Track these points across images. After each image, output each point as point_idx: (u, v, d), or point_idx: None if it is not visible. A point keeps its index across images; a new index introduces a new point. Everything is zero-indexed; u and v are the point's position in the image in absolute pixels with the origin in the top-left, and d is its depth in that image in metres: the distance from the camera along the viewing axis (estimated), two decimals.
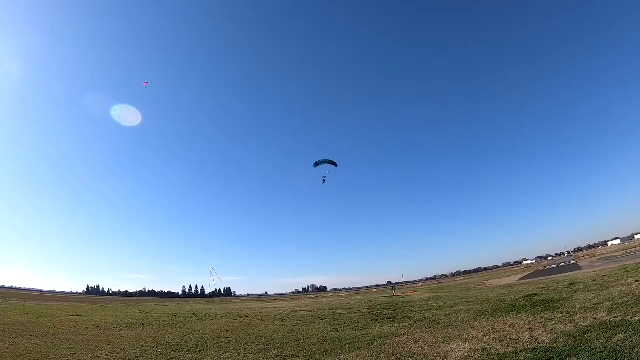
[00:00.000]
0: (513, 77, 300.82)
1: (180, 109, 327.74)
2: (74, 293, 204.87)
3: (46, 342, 12.53)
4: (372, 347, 10.71)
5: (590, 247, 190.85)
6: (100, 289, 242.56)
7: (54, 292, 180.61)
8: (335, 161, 32.77)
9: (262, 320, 22.39)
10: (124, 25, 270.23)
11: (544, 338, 8.58)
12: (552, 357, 6.74)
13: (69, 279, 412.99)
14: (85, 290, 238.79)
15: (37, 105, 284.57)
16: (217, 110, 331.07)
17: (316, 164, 32.38)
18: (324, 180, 33.52)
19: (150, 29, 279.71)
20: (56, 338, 13.51)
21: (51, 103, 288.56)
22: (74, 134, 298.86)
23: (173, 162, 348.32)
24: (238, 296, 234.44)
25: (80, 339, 13.73)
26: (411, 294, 47.14)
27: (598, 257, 60.89)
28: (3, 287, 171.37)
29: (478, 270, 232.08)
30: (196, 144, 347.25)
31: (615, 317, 9.13)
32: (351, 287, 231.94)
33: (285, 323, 19.61)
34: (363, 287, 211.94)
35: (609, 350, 6.47)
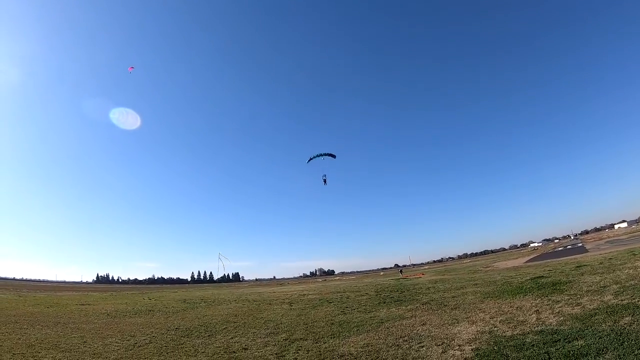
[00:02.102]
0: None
1: (187, 97, 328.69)
2: (84, 282, 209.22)
3: (57, 331, 12.80)
4: (379, 329, 10.82)
5: (597, 229, 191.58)
6: (110, 278, 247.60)
7: (64, 282, 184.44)
8: (332, 153, 30.78)
9: (271, 304, 22.75)
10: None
11: (551, 320, 8.60)
12: (559, 340, 6.74)
13: (78, 269, 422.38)
14: (95, 279, 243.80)
15: (41, 96, 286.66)
16: (222, 97, 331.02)
17: (310, 160, 30.38)
18: (325, 180, 31.62)
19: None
20: (67, 327, 13.81)
21: (54, 94, 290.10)
22: (81, 124, 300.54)
23: (180, 150, 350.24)
24: (246, 281, 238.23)
25: (91, 327, 14.03)
26: (418, 276, 47.57)
27: (605, 240, 60.93)
28: (14, 279, 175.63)
29: (485, 252, 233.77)
30: (202, 131, 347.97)
31: (622, 300, 9.12)
32: (359, 270, 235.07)
33: (293, 307, 19.92)
34: (371, 270, 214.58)
35: (616, 333, 6.46)
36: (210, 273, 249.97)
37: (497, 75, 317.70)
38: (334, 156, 30.42)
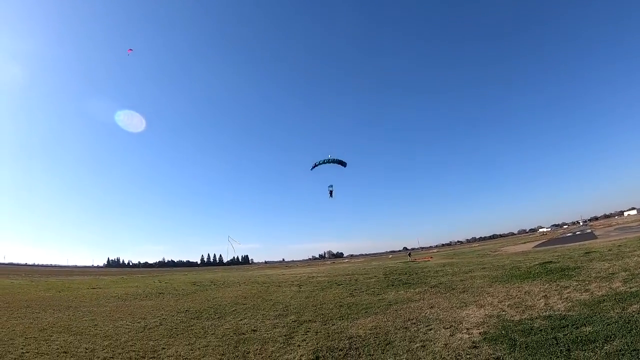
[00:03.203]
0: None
1: (196, 79, 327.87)
2: (95, 267, 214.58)
3: (69, 315, 13.17)
4: (387, 312, 10.94)
5: (606, 216, 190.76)
6: (121, 262, 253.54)
7: (75, 266, 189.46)
8: (342, 160, 25.43)
9: (280, 286, 23.11)
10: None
11: (559, 306, 8.59)
12: (567, 325, 6.73)
13: (90, 253, 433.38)
14: (105, 263, 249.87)
15: (50, 85, 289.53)
16: (231, 78, 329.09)
17: (314, 166, 25.58)
18: (331, 192, 26.36)
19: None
20: (78, 311, 14.20)
21: (64, 85, 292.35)
22: (90, 108, 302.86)
23: (189, 133, 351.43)
24: (255, 263, 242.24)
25: (102, 310, 14.42)
26: (427, 259, 47.84)
27: (614, 227, 60.46)
28: (26, 264, 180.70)
29: (493, 236, 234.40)
30: (211, 112, 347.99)
31: (630, 288, 9.06)
32: (367, 253, 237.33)
33: (302, 289, 20.20)
34: (379, 253, 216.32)
35: (624, 320, 6.42)
36: (220, 256, 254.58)
37: (515, 57, 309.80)
38: (344, 164, 25.86)
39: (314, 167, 25.72)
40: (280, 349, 7.65)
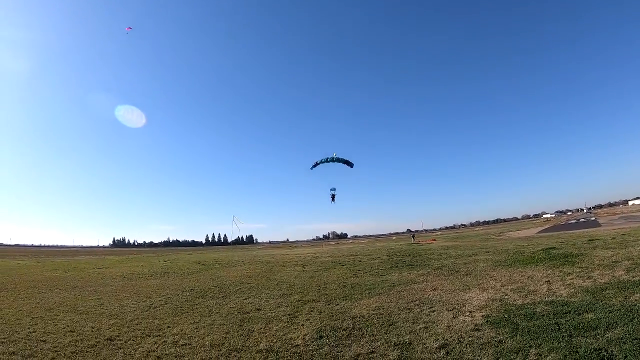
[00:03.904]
0: None
1: (206, 54, 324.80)
2: (100, 247, 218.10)
3: (75, 294, 13.46)
4: (391, 293, 11.06)
5: (610, 204, 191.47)
6: (126, 241, 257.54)
7: (81, 247, 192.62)
8: (348, 160, 22.66)
9: (284, 266, 23.40)
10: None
11: (561, 292, 8.60)
12: (570, 311, 6.74)
13: (95, 234, 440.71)
14: (111, 243, 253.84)
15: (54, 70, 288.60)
16: (242, 55, 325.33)
17: (315, 165, 23.10)
18: (333, 197, 25.39)
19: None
20: (84, 290, 14.50)
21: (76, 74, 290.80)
22: (97, 91, 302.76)
23: (195, 113, 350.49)
24: (260, 243, 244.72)
25: (108, 289, 14.71)
26: (430, 242, 48.09)
27: (618, 216, 60.46)
28: (32, 245, 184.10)
29: (497, 221, 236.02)
30: (217, 89, 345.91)
31: (633, 277, 9.04)
32: (371, 234, 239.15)
33: (306, 269, 20.45)
34: (383, 235, 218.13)
35: (626, 309, 6.41)
36: (225, 235, 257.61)
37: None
38: (350, 165, 23.48)
39: (314, 166, 23.49)
40: (284, 328, 7.77)
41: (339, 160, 22.80)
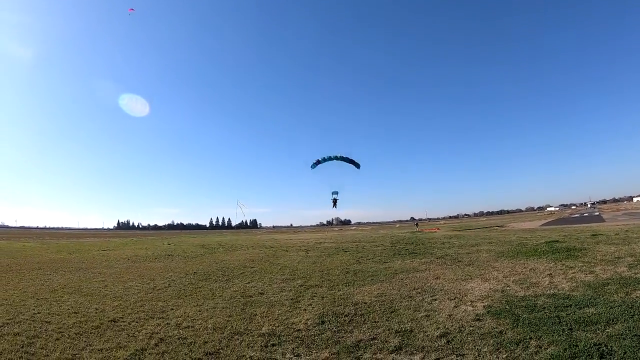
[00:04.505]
0: None
1: (218, 35, 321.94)
2: (105, 229, 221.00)
3: (79, 276, 13.69)
4: (393, 280, 11.15)
5: (615, 200, 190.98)
6: (131, 224, 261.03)
7: (86, 229, 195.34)
8: (354, 160, 20.29)
9: (287, 251, 23.60)
10: None
11: (563, 285, 8.61)
12: (571, 305, 6.76)
13: (100, 216, 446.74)
14: (116, 225, 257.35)
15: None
16: (252, 35, 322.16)
17: (316, 164, 20.54)
18: (335, 202, 23.59)
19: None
20: (89, 272, 14.76)
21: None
22: (103, 73, 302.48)
23: (201, 95, 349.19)
24: (264, 228, 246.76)
25: (112, 271, 14.95)
26: (434, 230, 48.17)
27: (622, 212, 60.14)
28: (37, 227, 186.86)
29: (501, 212, 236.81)
30: (221, 71, 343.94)
31: (635, 273, 9.03)
32: (375, 221, 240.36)
33: (309, 254, 20.63)
34: (387, 222, 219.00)
35: (627, 305, 6.41)
36: (229, 219, 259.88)
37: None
38: (357, 165, 21.35)
39: (316, 165, 21.29)
40: (287, 312, 7.86)
41: (343, 159, 20.70)
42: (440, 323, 6.45)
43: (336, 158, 20.35)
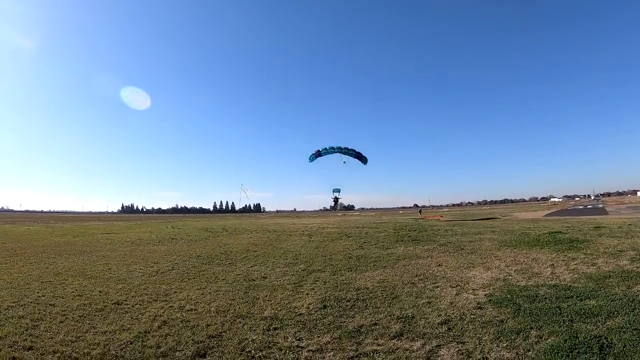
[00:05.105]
0: None
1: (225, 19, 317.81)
2: (109, 212, 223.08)
3: (83, 259, 13.88)
4: (395, 266, 11.23)
5: (619, 193, 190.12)
6: (135, 208, 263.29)
7: (90, 212, 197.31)
8: (359, 152, 18.32)
9: (290, 235, 23.73)
10: None
11: (565, 276, 8.62)
12: (572, 296, 6.77)
13: (104, 200, 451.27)
14: (119, 209, 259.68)
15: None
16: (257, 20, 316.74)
17: (316, 156, 17.92)
18: (336, 200, 21.23)
19: None
20: (93, 255, 14.95)
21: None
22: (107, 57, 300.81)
23: (205, 79, 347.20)
24: (267, 212, 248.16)
25: (116, 254, 15.15)
26: (437, 217, 48.18)
27: (626, 205, 59.69)
28: (42, 211, 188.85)
29: (504, 201, 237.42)
30: (226, 52, 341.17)
31: (637, 267, 9.02)
32: (378, 207, 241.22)
33: (312, 239, 20.73)
34: (390, 208, 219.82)
35: (628, 298, 6.41)
36: (232, 203, 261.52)
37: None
38: (364, 160, 19.37)
39: (315, 158, 19.29)
40: (289, 297, 7.95)
41: (347, 151, 18.18)
42: (442, 310, 6.50)
43: (339, 150, 18.36)
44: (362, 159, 18.52)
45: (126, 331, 5.79)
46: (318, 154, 17.88)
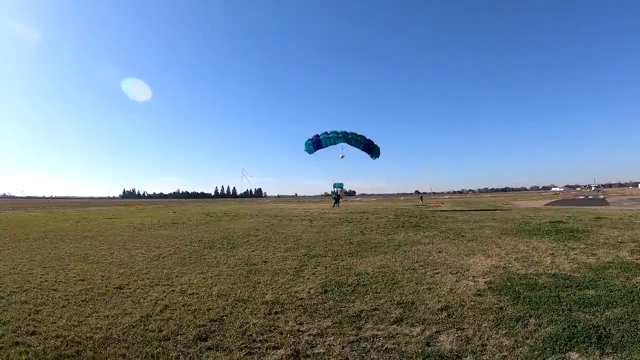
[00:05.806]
0: None
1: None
2: (110, 197, 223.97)
3: (85, 244, 13.95)
4: (396, 252, 11.28)
5: (620, 185, 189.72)
6: (136, 193, 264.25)
7: (92, 198, 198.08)
8: (370, 140, 15.91)
9: (291, 220, 23.86)
10: None
11: (564, 266, 8.64)
12: (571, 286, 6.80)
13: (106, 185, 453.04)
14: (121, 194, 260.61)
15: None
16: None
17: (315, 145, 15.76)
18: (337, 198, 20.07)
19: None
20: (95, 240, 15.03)
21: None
22: (110, 43, 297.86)
23: (206, 62, 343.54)
24: (268, 197, 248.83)
25: (118, 239, 15.23)
26: (438, 204, 48.27)
27: (627, 197, 59.71)
28: (44, 197, 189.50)
29: (506, 189, 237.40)
30: (225, 36, 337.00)
31: (637, 259, 9.04)
32: (379, 193, 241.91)
33: (313, 224, 20.85)
34: (391, 194, 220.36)
35: (627, 290, 6.44)
36: (234, 188, 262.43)
37: None
38: (375, 152, 16.96)
39: (315, 147, 16.57)
40: (290, 281, 7.99)
41: (355, 138, 14.56)
42: (442, 296, 6.54)
43: (345, 136, 14.96)
44: (373, 150, 15.42)
45: (128, 315, 5.84)
46: (317, 141, 15.05)
